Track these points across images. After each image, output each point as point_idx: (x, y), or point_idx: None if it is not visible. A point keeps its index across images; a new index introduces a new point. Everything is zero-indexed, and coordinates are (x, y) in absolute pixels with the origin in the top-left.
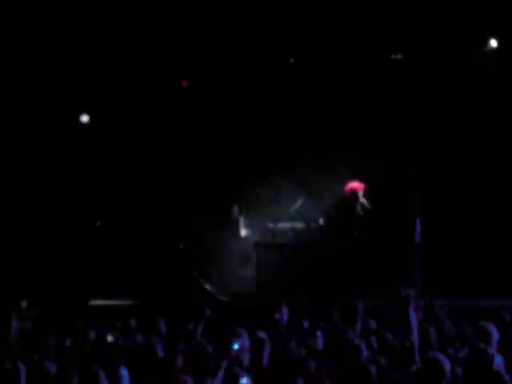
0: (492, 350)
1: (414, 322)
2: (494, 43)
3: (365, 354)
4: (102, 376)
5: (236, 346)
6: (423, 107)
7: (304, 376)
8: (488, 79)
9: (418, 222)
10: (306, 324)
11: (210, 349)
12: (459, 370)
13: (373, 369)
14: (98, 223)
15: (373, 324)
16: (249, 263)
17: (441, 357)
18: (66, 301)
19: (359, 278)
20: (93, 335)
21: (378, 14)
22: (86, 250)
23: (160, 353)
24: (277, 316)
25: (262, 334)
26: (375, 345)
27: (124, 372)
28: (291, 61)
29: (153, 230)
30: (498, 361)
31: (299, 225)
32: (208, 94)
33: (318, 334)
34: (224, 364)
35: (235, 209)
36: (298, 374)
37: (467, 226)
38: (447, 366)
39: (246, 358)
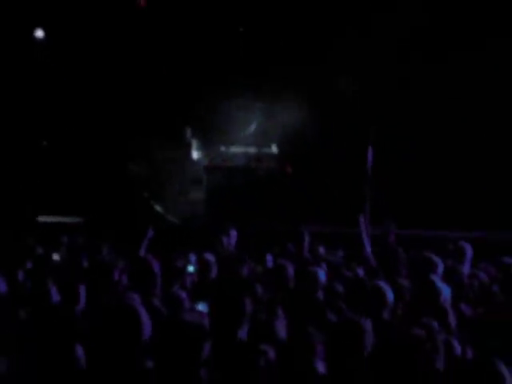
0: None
1: (368, 249)
2: None
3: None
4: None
5: (191, 269)
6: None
7: (252, 298)
8: None
9: (369, 152)
10: (254, 247)
11: (156, 268)
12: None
13: (320, 294)
14: (45, 143)
15: (321, 250)
16: (199, 186)
17: (384, 285)
18: (14, 219)
19: (309, 204)
20: (40, 251)
21: None
22: (33, 169)
23: (106, 272)
24: (224, 239)
25: (209, 256)
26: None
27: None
28: None
29: (103, 150)
30: (446, 291)
31: (251, 149)
32: (164, 14)
33: (268, 257)
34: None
35: (188, 131)
36: (245, 296)
37: (421, 158)
38: (390, 295)
39: (192, 280)
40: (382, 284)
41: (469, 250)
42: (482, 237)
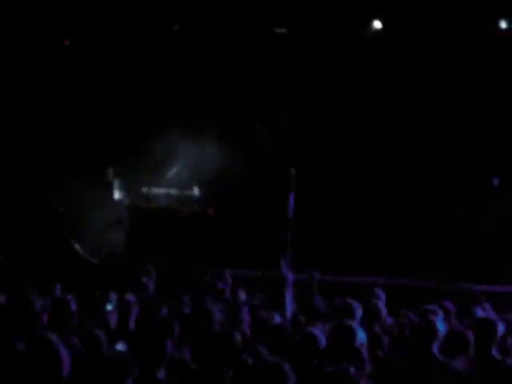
0: (355, 324)
1: (289, 297)
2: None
3: (217, 317)
4: None
5: (109, 307)
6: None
7: (172, 339)
8: None
9: (291, 197)
10: (175, 288)
11: (73, 307)
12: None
13: (238, 337)
14: None
15: (242, 295)
16: (121, 226)
17: (317, 332)
18: None
19: (231, 248)
20: None
21: None
22: None
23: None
24: (145, 280)
25: (130, 297)
26: (247, 315)
27: None
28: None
29: (25, 189)
30: (361, 335)
31: (174, 191)
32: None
33: (185, 298)
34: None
35: (110, 171)
36: (166, 337)
37: (342, 203)
38: (323, 341)
39: (113, 320)
40: (315, 330)
41: (382, 296)
42: (405, 284)
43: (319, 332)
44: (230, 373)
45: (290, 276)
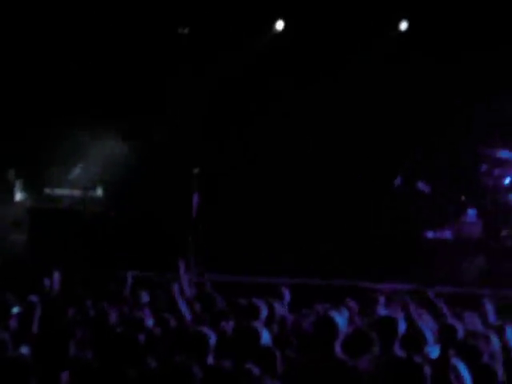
0: (259, 325)
1: (182, 298)
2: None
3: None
4: None
5: (15, 310)
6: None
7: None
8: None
9: (195, 197)
10: (78, 291)
11: None
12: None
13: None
14: None
15: (145, 296)
16: (21, 228)
17: (207, 331)
18: None
19: (133, 250)
20: None
21: None
22: None
23: None
24: (46, 282)
25: (33, 298)
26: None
27: None
28: None
29: None
30: (265, 336)
31: (77, 192)
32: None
33: (87, 301)
34: None
35: (11, 172)
36: (69, 340)
37: (245, 204)
38: (212, 339)
39: (14, 322)
40: (206, 330)
41: (287, 296)
42: (309, 283)
43: (209, 330)
44: (133, 373)
45: (185, 277)
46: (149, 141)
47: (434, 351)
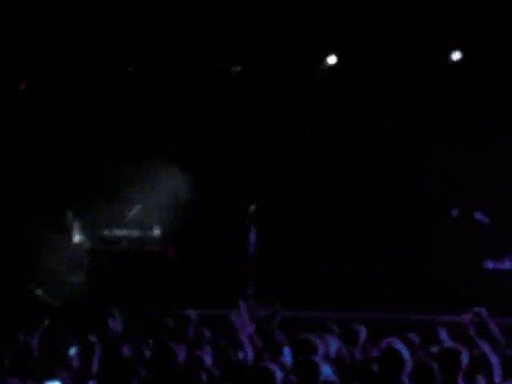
0: (319, 359)
1: (246, 334)
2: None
3: (181, 358)
4: None
5: (72, 351)
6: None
7: (137, 380)
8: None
9: (251, 233)
10: (138, 330)
11: (36, 353)
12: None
13: (204, 376)
14: None
15: (207, 333)
16: (81, 269)
17: (273, 366)
18: None
19: (194, 288)
20: None
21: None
22: None
23: None
24: (111, 323)
25: (92, 338)
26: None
27: None
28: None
29: None
30: (327, 370)
31: (135, 233)
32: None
33: (149, 341)
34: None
35: (69, 213)
36: (130, 378)
37: (303, 238)
38: (279, 375)
39: (76, 362)
40: (271, 365)
41: (363, 333)
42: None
43: (275, 367)
44: None
45: (245, 315)
46: (205, 178)
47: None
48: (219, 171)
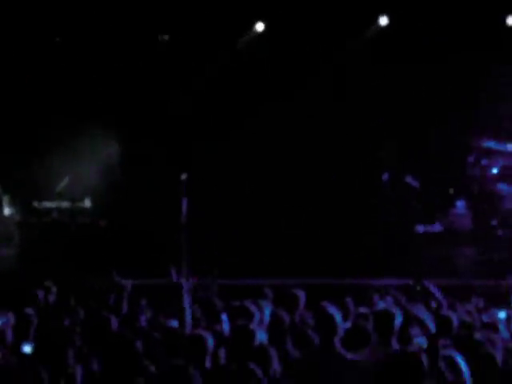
0: (254, 325)
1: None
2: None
3: (114, 325)
4: None
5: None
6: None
7: (72, 349)
8: None
9: (184, 203)
10: (72, 301)
11: None
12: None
13: (139, 344)
14: None
15: (142, 302)
16: (12, 242)
17: (204, 333)
18: None
19: (126, 258)
20: None
21: None
22: None
23: None
24: (40, 294)
25: (28, 310)
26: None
27: None
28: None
29: None
30: (261, 336)
31: (65, 204)
32: None
33: (80, 311)
34: None
35: None
36: (67, 347)
37: (236, 206)
38: (211, 342)
39: (9, 335)
40: (203, 332)
41: (302, 298)
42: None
43: (207, 334)
44: (141, 381)
45: (183, 282)
46: (135, 148)
47: (422, 342)
48: (151, 141)
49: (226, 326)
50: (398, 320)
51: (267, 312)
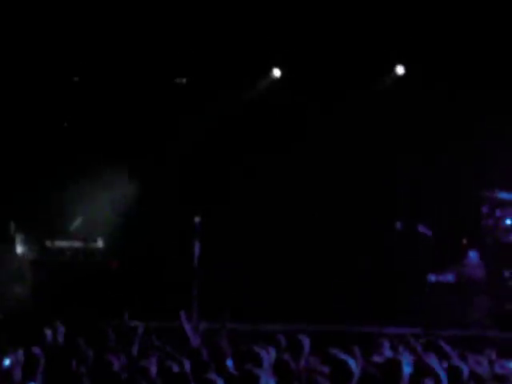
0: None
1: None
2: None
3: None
4: None
5: (7, 362)
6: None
7: None
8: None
9: (196, 246)
10: (81, 342)
11: None
12: None
13: None
14: None
15: (154, 344)
16: (24, 281)
17: (214, 377)
18: None
19: (139, 301)
20: None
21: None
22: None
23: None
24: (48, 333)
25: (36, 350)
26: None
27: None
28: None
29: None
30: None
31: (77, 244)
32: None
33: (89, 352)
34: None
35: (12, 225)
36: None
37: (247, 251)
38: None
39: (17, 374)
40: (213, 376)
41: (306, 344)
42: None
43: (217, 377)
44: None
45: (188, 327)
46: (149, 189)
47: None
48: (164, 183)
49: (232, 371)
50: (408, 368)
51: (272, 357)
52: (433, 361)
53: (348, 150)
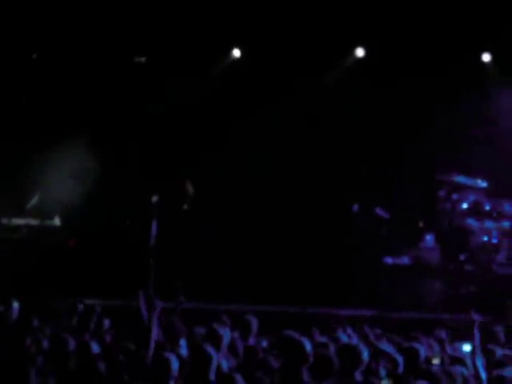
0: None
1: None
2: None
3: (95, 350)
4: None
5: None
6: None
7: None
8: None
9: (153, 225)
10: (35, 322)
11: None
12: None
13: (102, 366)
14: None
15: (107, 323)
16: None
17: (171, 356)
18: None
19: (92, 278)
20: None
21: None
22: None
23: None
24: (2, 311)
25: None
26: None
27: None
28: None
29: None
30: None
31: (34, 222)
32: None
33: (46, 330)
34: None
35: None
36: (29, 368)
37: (204, 231)
38: (175, 365)
39: None
40: (168, 355)
41: (254, 324)
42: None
43: (172, 356)
44: None
45: (144, 307)
46: (107, 167)
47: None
48: (123, 161)
49: (184, 351)
50: (365, 354)
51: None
52: (386, 346)
53: (306, 135)
